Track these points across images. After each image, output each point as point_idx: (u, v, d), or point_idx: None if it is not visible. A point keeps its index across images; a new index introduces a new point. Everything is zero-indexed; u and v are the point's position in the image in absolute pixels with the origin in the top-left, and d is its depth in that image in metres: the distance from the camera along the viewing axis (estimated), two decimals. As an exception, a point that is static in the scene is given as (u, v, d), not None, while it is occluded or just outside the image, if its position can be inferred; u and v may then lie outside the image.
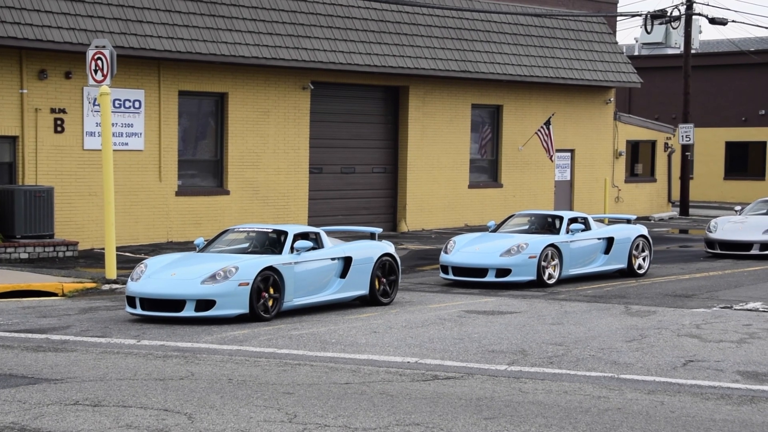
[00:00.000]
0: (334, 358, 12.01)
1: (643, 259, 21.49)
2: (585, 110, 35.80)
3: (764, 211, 27.02)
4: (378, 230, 18.18)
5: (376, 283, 16.77)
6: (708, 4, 39.99)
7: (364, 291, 16.64)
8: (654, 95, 46.00)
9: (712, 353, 12.43)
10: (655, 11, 35.74)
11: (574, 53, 34.50)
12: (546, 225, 21.03)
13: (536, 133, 32.63)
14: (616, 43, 36.70)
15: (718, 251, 25.54)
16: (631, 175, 38.49)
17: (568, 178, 35.56)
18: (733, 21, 37.96)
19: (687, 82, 39.73)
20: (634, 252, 21.24)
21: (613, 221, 24.55)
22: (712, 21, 37.56)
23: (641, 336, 13.65)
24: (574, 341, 13.25)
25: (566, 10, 34.84)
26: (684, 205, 39.73)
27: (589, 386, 10.58)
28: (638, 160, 38.98)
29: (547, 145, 32.39)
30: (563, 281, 20.05)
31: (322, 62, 27.70)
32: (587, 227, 20.88)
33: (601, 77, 35.17)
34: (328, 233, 17.35)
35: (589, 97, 35.84)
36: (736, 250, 25.31)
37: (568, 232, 20.31)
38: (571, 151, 35.52)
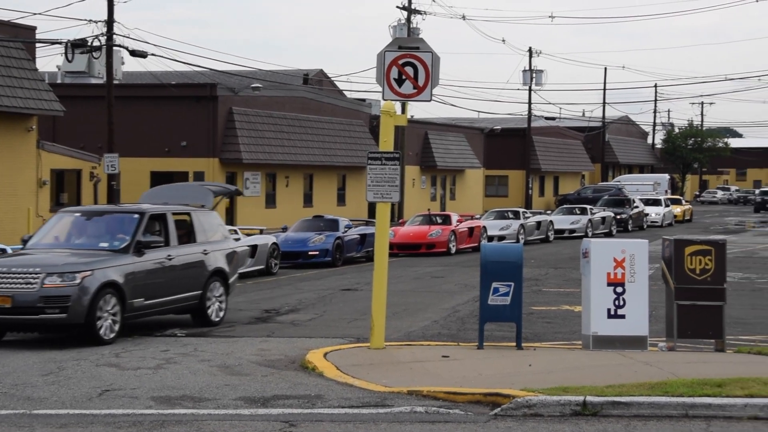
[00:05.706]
0: None
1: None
2: (5, 138, 34.59)
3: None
4: None
5: None
6: (129, 37, 40.61)
7: None
8: (80, 124, 45.60)
9: (129, 381, 12.47)
10: (75, 40, 35.35)
11: (-8, 78, 33.25)
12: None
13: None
14: (36, 69, 35.92)
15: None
16: (57, 204, 37.81)
17: (-11, 209, 34.13)
18: (152, 54, 38.65)
19: (111, 112, 39.84)
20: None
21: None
22: (133, 53, 38.05)
23: (59, 369, 13.35)
24: (-15, 379, 12.64)
25: (-19, 34, 33.47)
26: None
27: (-2, 425, 10.14)
28: (64, 189, 38.44)
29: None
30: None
31: None
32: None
33: (21, 104, 34.20)
34: None
35: (10, 124, 34.68)
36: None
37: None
38: (-8, 180, 34.17)
